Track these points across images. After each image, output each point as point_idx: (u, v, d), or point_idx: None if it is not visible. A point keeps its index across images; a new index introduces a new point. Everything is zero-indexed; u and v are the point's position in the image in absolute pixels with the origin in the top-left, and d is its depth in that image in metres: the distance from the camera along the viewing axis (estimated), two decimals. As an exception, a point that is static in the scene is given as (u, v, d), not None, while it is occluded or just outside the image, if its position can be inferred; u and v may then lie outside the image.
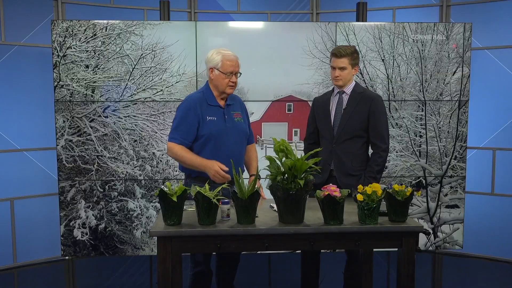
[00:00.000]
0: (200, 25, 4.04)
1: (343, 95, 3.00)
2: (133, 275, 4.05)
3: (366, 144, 3.02)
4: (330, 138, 2.98)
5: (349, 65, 2.93)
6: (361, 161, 2.98)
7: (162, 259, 2.29)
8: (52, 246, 4.22)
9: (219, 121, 2.81)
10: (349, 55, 2.92)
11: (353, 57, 2.94)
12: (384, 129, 2.97)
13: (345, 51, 2.92)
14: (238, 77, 2.84)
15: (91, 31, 3.90)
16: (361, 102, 2.95)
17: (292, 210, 2.34)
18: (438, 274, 4.30)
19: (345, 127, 2.95)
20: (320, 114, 3.06)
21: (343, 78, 2.94)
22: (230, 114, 2.87)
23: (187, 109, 2.80)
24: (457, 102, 4.17)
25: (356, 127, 2.95)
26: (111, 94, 3.97)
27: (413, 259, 2.38)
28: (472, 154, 4.45)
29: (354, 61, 2.95)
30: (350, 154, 2.96)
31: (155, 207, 4.09)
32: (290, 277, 3.96)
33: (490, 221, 4.43)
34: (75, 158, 3.98)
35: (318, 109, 3.09)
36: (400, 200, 2.35)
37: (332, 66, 2.98)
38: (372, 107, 2.94)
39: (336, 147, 2.96)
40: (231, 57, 2.79)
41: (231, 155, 2.74)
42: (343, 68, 2.93)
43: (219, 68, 2.77)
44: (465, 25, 4.10)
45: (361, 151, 2.99)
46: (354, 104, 2.96)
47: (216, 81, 2.81)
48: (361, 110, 2.94)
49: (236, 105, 2.93)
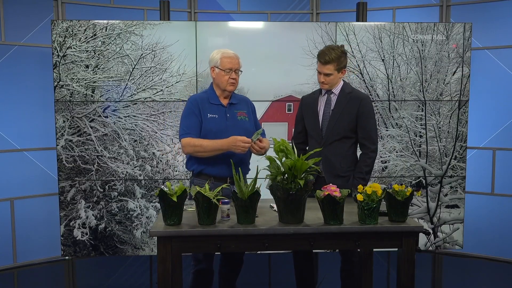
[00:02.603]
0: (200, 25, 4.04)
1: (331, 96, 2.97)
2: (133, 275, 4.05)
3: (354, 145, 3.00)
4: (319, 139, 2.96)
5: (334, 71, 2.88)
6: (350, 162, 2.96)
7: (162, 259, 2.29)
8: (52, 246, 4.23)
9: (220, 118, 2.84)
10: (334, 60, 2.85)
11: (339, 62, 2.87)
12: (373, 130, 2.95)
13: (330, 57, 2.84)
14: (239, 75, 2.86)
15: (91, 31, 3.90)
16: (350, 103, 2.92)
17: (292, 210, 2.34)
18: (438, 274, 4.30)
19: (333, 129, 2.92)
20: (309, 114, 3.04)
21: (328, 83, 2.91)
22: (233, 113, 2.89)
23: (189, 107, 2.87)
24: (457, 102, 4.17)
25: (344, 128, 2.92)
26: (111, 94, 3.97)
27: (413, 259, 2.38)
28: (472, 154, 4.45)
29: (341, 65, 2.89)
30: (339, 155, 2.94)
31: (155, 207, 4.09)
32: (290, 277, 3.95)
33: (490, 221, 4.43)
34: (75, 158, 3.98)
35: (306, 108, 3.06)
36: (400, 200, 2.35)
37: (317, 71, 2.94)
38: (361, 108, 2.91)
39: (325, 148, 2.93)
40: (229, 54, 2.85)
41: (233, 152, 2.76)
42: (328, 74, 2.88)
43: (219, 65, 2.83)
44: (465, 25, 4.10)
45: (349, 152, 2.97)
46: (343, 105, 2.93)
47: (217, 79, 2.86)
48: (350, 111, 2.92)
49: (242, 105, 2.96)
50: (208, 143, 2.74)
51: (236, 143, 2.68)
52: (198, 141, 2.76)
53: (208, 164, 2.82)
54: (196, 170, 2.86)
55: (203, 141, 2.76)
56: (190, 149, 2.79)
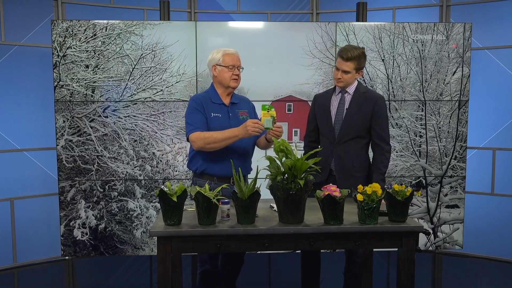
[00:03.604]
0: (200, 25, 4.04)
1: (346, 95, 2.97)
2: (133, 275, 4.05)
3: (367, 145, 3.00)
4: (331, 137, 2.96)
5: (353, 70, 2.88)
6: (362, 161, 2.97)
7: (162, 259, 2.29)
8: (52, 246, 4.23)
9: (223, 118, 2.85)
10: (356, 59, 2.85)
11: (359, 62, 2.87)
12: (386, 130, 2.95)
13: (352, 55, 2.84)
14: (240, 72, 2.88)
15: (91, 31, 3.90)
16: (365, 103, 2.92)
17: (292, 210, 2.34)
18: (438, 274, 4.30)
19: (347, 128, 2.92)
20: (321, 112, 3.03)
21: (344, 81, 2.90)
22: (235, 112, 2.90)
23: (193, 106, 2.85)
24: (457, 102, 4.17)
25: (359, 127, 2.92)
26: (111, 94, 3.97)
27: (413, 259, 2.38)
28: (472, 154, 4.45)
29: (360, 66, 2.89)
30: (352, 155, 2.94)
31: (155, 207, 4.09)
32: (290, 277, 3.96)
33: (490, 221, 4.43)
34: (75, 158, 3.98)
35: (318, 107, 3.05)
36: (400, 200, 2.35)
37: (336, 66, 2.93)
38: (376, 107, 2.91)
39: (338, 147, 2.94)
40: (231, 51, 2.88)
41: (235, 150, 2.78)
42: (347, 72, 2.88)
43: (221, 63, 2.84)
44: (465, 25, 4.10)
45: (362, 151, 2.98)
46: (357, 104, 2.92)
47: (220, 77, 2.86)
48: (365, 111, 2.91)
49: (243, 104, 2.98)
50: (218, 134, 2.72)
51: (247, 128, 2.64)
52: (208, 133, 2.75)
53: (212, 162, 2.82)
54: (200, 169, 2.85)
55: (213, 133, 2.74)
56: (200, 143, 2.74)
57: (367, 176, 2.97)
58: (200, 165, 2.85)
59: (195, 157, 2.88)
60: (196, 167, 2.87)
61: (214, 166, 2.82)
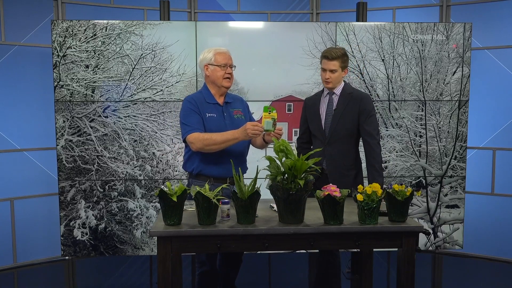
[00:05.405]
0: (200, 25, 4.04)
1: (333, 96, 3.06)
2: (133, 275, 4.05)
3: (356, 142, 3.09)
4: (322, 138, 3.05)
5: (339, 68, 2.98)
6: (352, 158, 3.06)
7: (162, 259, 2.29)
8: (52, 246, 4.23)
9: (218, 117, 2.85)
10: (340, 57, 2.97)
11: (343, 60, 2.99)
12: (374, 126, 3.02)
13: (336, 54, 2.96)
14: (233, 70, 2.89)
15: (91, 31, 3.90)
16: (351, 103, 3.01)
17: (292, 210, 2.34)
18: (438, 274, 4.30)
19: (336, 128, 3.01)
20: (311, 114, 3.13)
21: (333, 81, 2.99)
22: (229, 112, 2.90)
23: (188, 107, 2.83)
24: (457, 102, 4.17)
25: (347, 126, 3.01)
26: (111, 94, 3.97)
27: (413, 259, 2.38)
28: (472, 154, 4.45)
29: (344, 64, 3.01)
30: (342, 153, 3.03)
31: (155, 207, 4.09)
32: (290, 277, 3.96)
33: (490, 221, 4.43)
34: (75, 158, 3.98)
35: (309, 109, 3.15)
36: (400, 200, 2.35)
37: (322, 68, 3.02)
38: (362, 106, 3.00)
39: (329, 147, 3.02)
40: (222, 50, 2.89)
41: (231, 151, 2.78)
42: (334, 71, 2.98)
43: (213, 62, 2.84)
44: (465, 25, 4.09)
45: (353, 149, 3.07)
46: (344, 104, 3.02)
47: (213, 76, 2.85)
48: (352, 110, 3.01)
49: (237, 103, 2.98)
50: (218, 136, 2.71)
51: (247, 131, 2.64)
52: (208, 135, 2.73)
53: (208, 163, 2.81)
54: (196, 170, 2.85)
55: (212, 134, 2.73)
56: (199, 144, 2.73)
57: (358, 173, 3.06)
58: (196, 166, 2.84)
59: (191, 158, 2.87)
60: (192, 168, 2.86)
61: (211, 167, 2.81)
